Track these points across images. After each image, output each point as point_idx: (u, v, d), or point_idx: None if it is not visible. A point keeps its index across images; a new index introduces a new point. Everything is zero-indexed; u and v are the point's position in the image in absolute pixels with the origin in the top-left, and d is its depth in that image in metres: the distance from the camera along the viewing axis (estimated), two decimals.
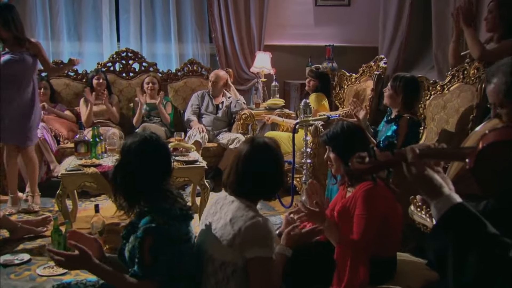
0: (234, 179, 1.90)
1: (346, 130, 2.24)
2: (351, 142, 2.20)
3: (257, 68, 5.56)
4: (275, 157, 1.91)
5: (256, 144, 1.91)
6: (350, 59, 5.99)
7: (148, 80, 4.99)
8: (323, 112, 3.88)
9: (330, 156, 2.28)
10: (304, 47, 6.05)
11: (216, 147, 4.75)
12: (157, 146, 1.86)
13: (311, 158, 3.73)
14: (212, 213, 1.95)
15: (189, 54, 5.71)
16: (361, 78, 4.63)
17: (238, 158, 1.92)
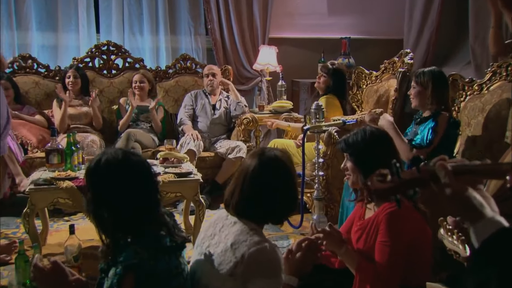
0: (239, 199, 1.90)
1: (369, 138, 2.24)
2: (373, 152, 2.20)
3: (261, 65, 5.58)
4: (288, 175, 1.92)
5: (266, 158, 1.90)
6: (370, 54, 6.02)
7: (137, 78, 4.98)
8: (337, 117, 3.87)
9: (347, 166, 2.29)
10: (316, 40, 6.08)
11: (213, 157, 4.76)
12: (131, 165, 1.80)
13: (323, 170, 3.73)
14: (209, 236, 1.95)
15: (181, 48, 5.75)
16: (383, 76, 4.64)
17: (244, 174, 1.91)
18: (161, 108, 5.06)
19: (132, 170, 1.79)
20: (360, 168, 2.22)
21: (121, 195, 1.76)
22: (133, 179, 1.79)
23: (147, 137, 4.75)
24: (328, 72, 4.37)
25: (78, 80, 4.87)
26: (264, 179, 1.88)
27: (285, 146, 4.36)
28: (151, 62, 5.63)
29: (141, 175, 1.81)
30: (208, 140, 4.88)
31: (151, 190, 1.83)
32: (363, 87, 4.80)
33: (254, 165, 1.90)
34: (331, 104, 4.28)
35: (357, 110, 4.76)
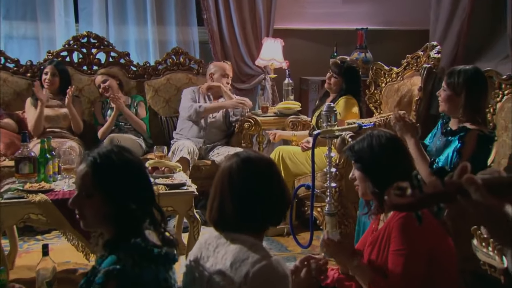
0: (233, 213, 1.92)
1: (376, 143, 2.29)
2: (381, 158, 2.25)
3: (265, 61, 5.61)
4: (270, 167, 2.02)
5: (243, 157, 1.99)
6: (390, 47, 6.04)
7: (98, 81, 5.03)
8: (352, 120, 3.89)
9: (355, 176, 2.34)
10: (328, 32, 6.10)
11: (209, 166, 4.78)
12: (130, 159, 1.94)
13: (336, 181, 3.74)
14: (201, 259, 1.97)
15: (172, 41, 5.79)
16: (405, 73, 4.66)
17: (222, 181, 1.95)
18: (141, 104, 5.07)
19: (133, 164, 1.95)
20: (368, 176, 2.27)
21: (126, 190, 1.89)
22: (135, 173, 1.94)
23: (133, 143, 4.78)
24: (339, 71, 4.36)
25: (57, 79, 4.88)
26: (248, 177, 1.95)
27: (291, 154, 4.37)
28: (138, 56, 5.67)
29: (140, 170, 1.97)
30: (204, 146, 4.90)
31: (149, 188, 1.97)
32: (382, 85, 4.81)
33: (233, 166, 1.96)
34: (351, 106, 4.28)
35: (374, 112, 4.77)
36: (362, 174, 2.31)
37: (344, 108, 4.26)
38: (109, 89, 4.95)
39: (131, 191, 1.89)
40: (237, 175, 1.94)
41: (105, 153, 1.92)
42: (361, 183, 2.32)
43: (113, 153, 1.93)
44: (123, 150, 1.96)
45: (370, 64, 5.26)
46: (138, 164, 1.97)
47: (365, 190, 2.32)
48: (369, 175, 2.28)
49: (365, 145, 2.31)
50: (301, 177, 4.29)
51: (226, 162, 2.02)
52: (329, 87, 4.44)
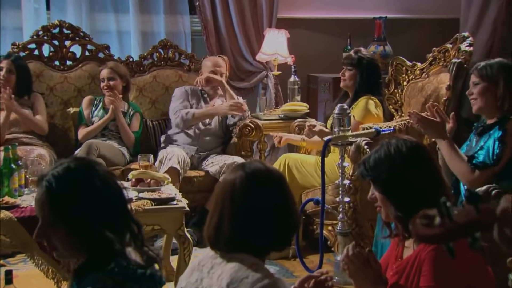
0: (231, 231, 1.93)
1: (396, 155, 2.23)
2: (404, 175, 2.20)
3: (267, 55, 5.61)
4: (280, 183, 2.01)
5: (250, 170, 1.98)
6: (413, 39, 6.04)
7: (105, 75, 4.97)
8: (368, 124, 3.88)
9: (375, 196, 2.29)
10: (341, 22, 6.11)
11: (202, 178, 4.78)
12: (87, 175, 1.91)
13: (350, 195, 3.74)
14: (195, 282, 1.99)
15: (160, 32, 5.79)
16: (431, 69, 4.65)
17: (223, 196, 1.95)
18: (137, 115, 5.07)
19: (98, 183, 1.90)
20: (390, 198, 2.23)
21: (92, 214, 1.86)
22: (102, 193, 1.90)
23: (115, 151, 4.79)
24: (353, 62, 4.36)
25: (13, 76, 4.82)
26: (254, 193, 1.94)
27: (299, 163, 4.36)
28: (119, 50, 5.67)
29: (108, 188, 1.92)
30: (197, 155, 4.91)
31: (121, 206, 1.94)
32: (404, 84, 4.81)
33: (238, 179, 1.95)
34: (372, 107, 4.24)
35: (395, 115, 4.77)
36: (383, 196, 2.25)
37: (362, 109, 4.23)
38: (113, 89, 4.94)
39: (98, 214, 1.86)
40: (239, 193, 1.95)
41: (61, 175, 1.87)
42: (383, 205, 2.26)
43: (72, 172, 1.89)
44: (85, 165, 1.93)
45: (390, 59, 5.26)
46: (105, 180, 1.92)
47: (387, 213, 2.26)
48: (391, 198, 2.22)
49: (382, 157, 2.24)
50: (310, 190, 4.29)
51: (229, 174, 2.02)
52: (345, 84, 4.43)
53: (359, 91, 4.33)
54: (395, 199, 2.21)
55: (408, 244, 2.28)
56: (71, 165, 1.90)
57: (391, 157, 2.23)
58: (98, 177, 1.91)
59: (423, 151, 2.31)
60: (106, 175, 1.94)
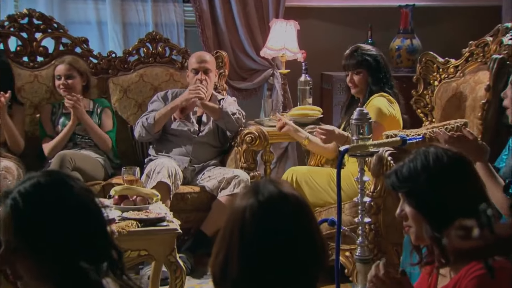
0: (240, 269, 1.90)
1: (434, 166, 2.24)
2: (443, 189, 2.20)
3: (273, 51, 5.63)
4: (303, 214, 1.94)
5: (264, 197, 1.89)
6: (446, 31, 6.05)
7: (61, 72, 4.94)
8: (393, 131, 3.88)
9: (406, 212, 2.29)
10: (360, 11, 6.15)
11: (197, 194, 4.79)
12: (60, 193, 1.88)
13: (371, 215, 3.74)
14: None
15: (148, 24, 5.82)
16: (467, 66, 4.66)
17: (231, 226, 1.92)
18: (107, 111, 5.07)
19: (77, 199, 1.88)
20: (425, 215, 2.23)
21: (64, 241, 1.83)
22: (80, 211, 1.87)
23: (93, 163, 4.80)
24: (357, 62, 4.35)
25: None
26: (272, 228, 1.86)
27: (309, 177, 4.35)
28: (98, 44, 5.70)
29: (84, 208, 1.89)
30: (191, 167, 4.92)
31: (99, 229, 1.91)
32: (434, 84, 4.81)
33: (249, 211, 1.87)
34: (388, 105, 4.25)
35: (424, 121, 4.77)
36: (416, 212, 2.25)
37: (377, 111, 4.22)
38: (70, 89, 4.90)
39: (71, 240, 1.84)
40: (250, 227, 1.86)
41: (29, 192, 1.84)
42: (415, 224, 2.25)
43: (42, 189, 1.86)
44: (58, 181, 1.90)
45: (418, 54, 5.26)
46: (81, 198, 1.90)
47: (420, 233, 2.25)
48: (427, 214, 2.22)
49: (418, 168, 2.24)
50: (323, 209, 4.28)
51: (240, 200, 1.93)
52: (356, 90, 4.43)
53: (374, 92, 4.33)
54: (432, 216, 2.21)
55: (444, 272, 2.27)
56: (41, 180, 1.87)
57: (430, 168, 2.24)
58: (73, 195, 1.88)
59: (466, 162, 2.31)
60: (82, 192, 1.92)
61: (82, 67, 5.05)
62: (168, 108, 4.92)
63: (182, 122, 5.03)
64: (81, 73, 5.00)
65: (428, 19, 6.12)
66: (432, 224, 2.20)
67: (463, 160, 2.31)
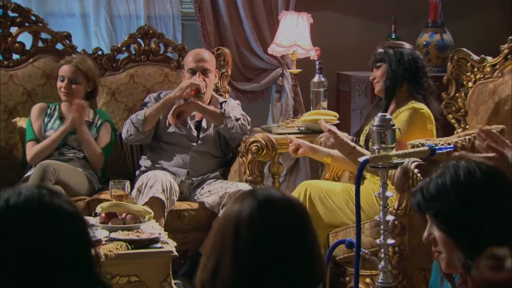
0: (225, 273, 1.91)
1: (466, 184, 2.23)
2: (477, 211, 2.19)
3: (283, 48, 5.64)
4: (302, 218, 1.99)
5: (262, 197, 1.95)
6: (482, 24, 6.04)
7: (66, 73, 4.97)
8: (419, 140, 3.87)
9: (434, 237, 2.29)
10: (382, 1, 6.19)
11: (196, 211, 4.80)
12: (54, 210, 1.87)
13: (395, 237, 3.73)
14: None
15: (140, 16, 5.85)
16: (506, 65, 4.65)
17: (223, 232, 1.94)
18: (107, 125, 5.09)
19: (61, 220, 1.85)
20: (456, 240, 2.22)
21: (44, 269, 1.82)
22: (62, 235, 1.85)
23: (79, 176, 4.82)
24: (379, 57, 4.36)
25: None
26: (271, 231, 1.91)
27: (324, 193, 4.34)
28: (83, 40, 5.73)
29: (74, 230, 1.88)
30: (189, 181, 4.93)
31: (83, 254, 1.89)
32: (468, 85, 4.80)
33: (246, 211, 1.92)
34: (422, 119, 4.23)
35: (456, 127, 4.77)
36: (446, 236, 2.23)
37: (408, 121, 4.23)
38: (73, 95, 4.92)
39: (48, 268, 1.82)
40: (246, 228, 1.91)
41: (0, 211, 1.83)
42: (446, 249, 2.23)
43: (17, 207, 1.83)
44: (37, 198, 1.87)
45: (449, 51, 5.26)
46: (65, 219, 1.87)
47: (451, 260, 2.24)
48: (459, 239, 2.20)
49: (447, 184, 2.21)
50: (340, 230, 4.28)
51: (233, 204, 1.99)
52: (379, 88, 4.41)
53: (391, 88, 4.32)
54: (464, 241, 2.18)
55: None
56: (16, 198, 1.85)
57: (461, 184, 2.21)
58: (56, 215, 1.86)
59: (503, 178, 2.29)
60: (67, 211, 1.89)
61: (90, 71, 5.06)
62: (160, 103, 4.91)
63: (178, 129, 5.02)
64: (88, 78, 5.03)
65: (461, 10, 6.12)
66: (465, 250, 2.18)
67: (499, 176, 2.28)
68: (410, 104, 4.27)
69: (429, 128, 4.26)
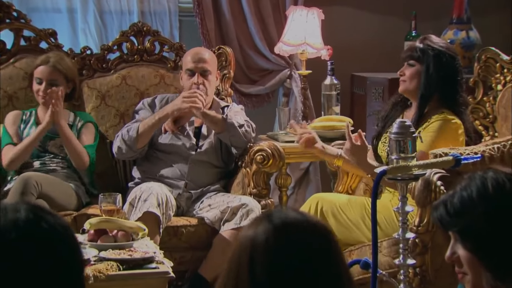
0: None
1: (496, 197, 2.22)
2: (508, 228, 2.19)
3: (291, 46, 5.65)
4: (326, 242, 1.97)
5: (280, 220, 1.94)
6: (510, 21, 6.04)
7: (42, 75, 4.97)
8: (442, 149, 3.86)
9: (459, 255, 2.28)
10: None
11: (194, 228, 4.80)
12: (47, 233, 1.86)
13: (416, 256, 3.73)
14: None
15: (133, 12, 5.89)
16: None
17: (238, 261, 1.93)
18: (88, 126, 5.10)
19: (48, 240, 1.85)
20: (484, 260, 2.21)
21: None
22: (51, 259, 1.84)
23: (64, 189, 4.82)
24: (417, 55, 4.35)
25: None
26: (291, 258, 1.89)
27: (337, 208, 4.34)
28: (69, 38, 5.75)
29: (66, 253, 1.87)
30: (186, 194, 4.94)
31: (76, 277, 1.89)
32: (497, 88, 4.80)
33: (262, 236, 1.91)
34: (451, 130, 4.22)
35: (484, 135, 4.76)
36: (472, 256, 2.22)
37: (438, 130, 4.20)
38: (51, 95, 4.86)
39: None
40: (262, 256, 1.90)
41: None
42: (471, 270, 2.21)
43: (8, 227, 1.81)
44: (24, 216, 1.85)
45: (476, 50, 5.26)
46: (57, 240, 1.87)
47: (477, 282, 2.25)
48: (487, 259, 2.19)
49: (473, 197, 2.19)
50: (354, 248, 4.28)
51: (248, 229, 1.97)
52: (405, 87, 4.38)
53: (426, 96, 4.30)
54: (493, 261, 2.17)
55: None
56: (3, 217, 1.84)
57: (489, 198, 2.20)
58: (47, 235, 1.85)
59: None
60: (58, 230, 1.88)
61: (69, 71, 5.06)
62: (155, 118, 4.90)
63: (176, 136, 5.02)
64: (67, 78, 5.03)
65: (489, 5, 6.13)
66: (494, 271, 2.17)
67: None
68: (442, 114, 4.25)
69: (461, 140, 4.24)
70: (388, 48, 5.81)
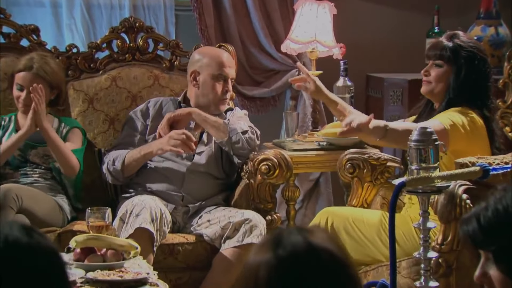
0: None
1: None
2: None
3: (299, 44, 5.65)
4: (341, 278, 1.95)
5: (288, 249, 1.92)
6: None
7: (25, 82, 4.97)
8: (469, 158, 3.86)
9: (491, 276, 2.27)
10: None
11: (192, 246, 4.80)
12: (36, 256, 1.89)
13: (439, 277, 3.72)
14: None
15: (124, 6, 5.92)
16: None
17: (246, 284, 1.93)
18: (75, 131, 5.12)
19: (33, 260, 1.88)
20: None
21: None
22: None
23: (47, 202, 4.83)
24: (446, 54, 4.35)
25: None
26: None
27: (350, 223, 4.34)
28: (53, 35, 5.78)
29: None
30: (184, 208, 4.95)
31: None
32: None
33: (264, 269, 1.90)
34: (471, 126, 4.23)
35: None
36: (507, 278, 2.24)
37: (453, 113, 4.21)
38: (34, 92, 4.84)
39: None
40: (275, 280, 1.90)
41: None
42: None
43: None
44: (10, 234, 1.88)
45: (507, 48, 5.27)
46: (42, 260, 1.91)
47: None
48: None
49: (511, 214, 2.21)
50: (370, 269, 4.28)
51: (255, 253, 1.99)
52: (429, 88, 4.37)
53: (454, 101, 4.30)
54: None
55: None
56: None
57: None
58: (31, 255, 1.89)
59: None
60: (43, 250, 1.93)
61: (54, 77, 5.05)
62: (140, 153, 4.94)
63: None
64: (52, 86, 5.04)
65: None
66: None
67: None
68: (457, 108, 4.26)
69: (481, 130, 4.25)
70: (408, 46, 5.81)
